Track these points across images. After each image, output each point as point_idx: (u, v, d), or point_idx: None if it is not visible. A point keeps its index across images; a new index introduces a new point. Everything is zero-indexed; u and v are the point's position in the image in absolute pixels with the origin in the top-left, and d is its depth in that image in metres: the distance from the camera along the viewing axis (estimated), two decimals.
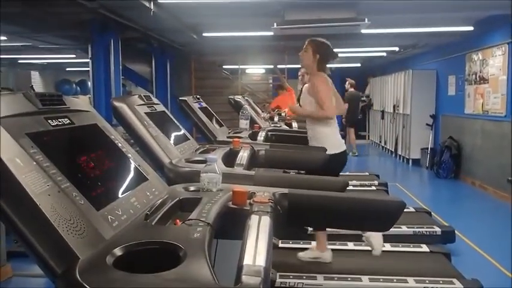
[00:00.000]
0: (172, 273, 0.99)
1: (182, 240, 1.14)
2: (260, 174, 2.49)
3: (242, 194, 1.52)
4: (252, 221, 1.30)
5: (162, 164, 2.41)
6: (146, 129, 2.47)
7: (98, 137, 1.62)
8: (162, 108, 2.93)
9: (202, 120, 3.77)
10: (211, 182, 1.72)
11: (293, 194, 1.75)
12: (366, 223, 1.93)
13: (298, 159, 3.21)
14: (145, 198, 1.51)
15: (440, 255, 3.62)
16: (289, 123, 5.49)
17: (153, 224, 1.30)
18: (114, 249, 1.10)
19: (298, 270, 3.23)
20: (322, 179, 2.33)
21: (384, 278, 3.13)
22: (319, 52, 3.32)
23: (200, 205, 1.46)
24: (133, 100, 2.59)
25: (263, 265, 1.03)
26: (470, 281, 3.09)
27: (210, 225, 1.26)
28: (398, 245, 3.79)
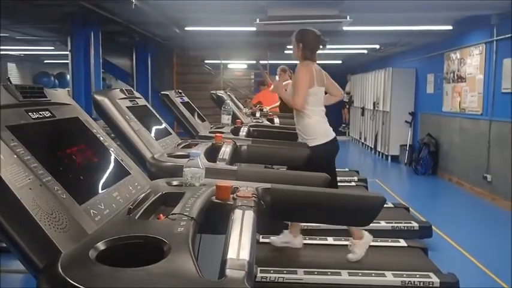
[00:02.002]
0: (156, 267, 0.99)
1: (166, 234, 1.14)
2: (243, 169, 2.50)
3: (226, 189, 1.52)
4: (235, 216, 1.31)
5: (144, 159, 2.39)
6: (128, 124, 2.44)
7: (80, 130, 1.60)
8: (143, 102, 2.90)
9: (185, 115, 3.75)
10: (194, 176, 1.72)
11: (276, 189, 1.77)
12: (347, 218, 1.96)
13: (280, 155, 3.23)
14: (128, 193, 1.50)
15: (417, 250, 3.69)
16: (271, 118, 5.50)
17: (136, 219, 1.29)
18: (97, 244, 1.09)
19: (279, 265, 3.25)
20: (304, 174, 2.35)
21: (362, 273, 3.17)
22: (301, 41, 3.32)
23: (183, 200, 1.46)
24: (114, 94, 2.56)
25: (247, 259, 1.04)
26: (446, 275, 3.16)
27: (193, 220, 1.26)
28: (377, 239, 3.82)
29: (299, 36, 3.34)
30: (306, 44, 3.32)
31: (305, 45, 3.31)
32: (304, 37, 3.33)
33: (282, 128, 4.46)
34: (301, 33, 3.35)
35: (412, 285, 3.08)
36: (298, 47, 3.33)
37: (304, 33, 3.34)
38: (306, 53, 3.33)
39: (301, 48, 3.32)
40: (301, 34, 3.35)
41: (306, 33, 3.34)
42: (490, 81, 6.49)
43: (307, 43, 3.32)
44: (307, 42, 3.32)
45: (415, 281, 3.09)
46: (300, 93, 3.26)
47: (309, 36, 3.33)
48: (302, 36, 3.33)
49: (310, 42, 3.33)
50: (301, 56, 3.34)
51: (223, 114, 4.36)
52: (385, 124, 10.05)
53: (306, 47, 3.32)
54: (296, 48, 3.35)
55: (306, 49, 3.32)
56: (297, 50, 3.35)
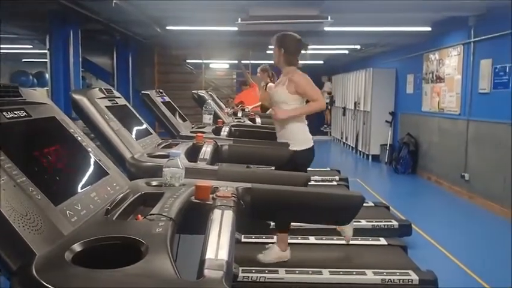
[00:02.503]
0: (134, 268, 0.98)
1: (144, 235, 1.13)
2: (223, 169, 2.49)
3: (205, 189, 1.52)
4: (214, 216, 1.30)
5: (124, 159, 2.37)
6: (107, 123, 2.41)
7: (57, 130, 1.57)
8: (123, 101, 2.87)
9: (165, 114, 3.73)
10: (174, 176, 1.70)
11: (256, 189, 1.77)
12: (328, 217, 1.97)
13: (262, 155, 3.23)
14: (106, 193, 1.48)
15: (397, 248, 3.73)
16: (253, 118, 5.50)
17: (114, 219, 1.28)
18: (72, 245, 1.07)
19: (260, 265, 3.25)
20: (285, 174, 2.36)
21: (343, 271, 3.19)
22: (282, 46, 3.29)
23: (162, 200, 1.45)
24: (93, 93, 2.53)
25: (225, 259, 1.04)
26: (425, 273, 3.20)
27: (172, 220, 1.25)
28: (358, 238, 3.87)
29: (280, 41, 3.31)
30: (288, 49, 3.29)
31: (287, 51, 3.29)
32: (286, 42, 3.30)
33: (263, 128, 4.46)
34: (282, 39, 3.31)
35: (392, 283, 3.11)
36: (280, 53, 3.30)
37: (285, 38, 3.31)
38: (289, 58, 3.31)
39: (283, 53, 3.29)
40: (282, 39, 3.31)
41: (287, 38, 3.31)
42: (467, 81, 6.60)
43: (288, 48, 3.30)
44: (289, 47, 3.30)
45: (395, 279, 3.12)
46: (319, 91, 3.42)
47: (291, 41, 3.30)
48: (283, 42, 3.30)
49: (292, 46, 3.30)
50: (284, 62, 3.32)
51: (205, 114, 4.34)
52: (366, 124, 10.15)
53: (288, 52, 3.29)
54: (278, 53, 3.31)
55: (288, 54, 3.30)
56: (278, 55, 3.31)
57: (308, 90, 3.29)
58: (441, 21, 6.56)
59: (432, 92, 7.79)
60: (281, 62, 3.33)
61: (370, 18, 6.54)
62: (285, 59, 3.31)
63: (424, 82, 8.13)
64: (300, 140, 3.30)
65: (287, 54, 3.29)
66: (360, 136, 10.63)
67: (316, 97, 3.29)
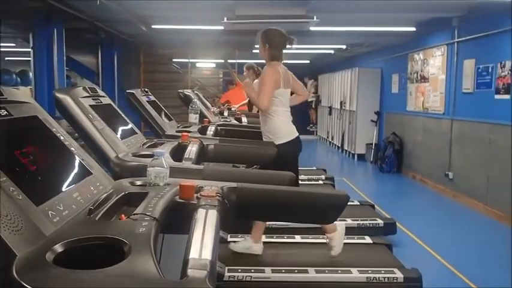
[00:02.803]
0: (116, 269, 0.97)
1: (127, 235, 1.12)
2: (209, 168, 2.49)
3: (189, 188, 1.51)
4: (198, 215, 1.30)
5: (108, 158, 2.34)
6: (91, 123, 2.39)
7: (39, 129, 1.55)
8: (108, 101, 2.84)
9: (151, 114, 3.70)
10: (159, 176, 1.69)
11: (241, 188, 1.76)
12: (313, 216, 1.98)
13: (248, 154, 3.22)
14: (90, 193, 1.47)
15: (382, 246, 3.77)
16: (239, 117, 5.49)
17: (96, 219, 1.26)
18: (54, 246, 1.06)
19: (246, 264, 3.26)
20: (271, 173, 2.36)
21: (329, 270, 3.21)
22: (267, 41, 3.32)
23: (146, 199, 1.44)
24: (77, 92, 2.50)
25: (209, 258, 1.04)
26: (410, 270, 3.23)
27: (156, 220, 1.24)
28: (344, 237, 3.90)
29: (264, 36, 3.33)
30: (272, 44, 3.32)
31: (271, 45, 3.32)
32: (270, 37, 3.33)
33: (249, 127, 4.46)
34: (266, 33, 3.34)
35: (377, 281, 3.14)
36: (265, 47, 3.33)
37: (269, 33, 3.34)
38: (273, 53, 3.33)
39: (268, 48, 3.32)
40: (266, 34, 3.34)
41: (272, 32, 3.34)
42: (451, 81, 6.69)
43: (273, 43, 3.32)
44: (273, 42, 3.32)
45: (380, 277, 3.15)
46: (266, 93, 3.26)
47: (275, 35, 3.33)
48: (267, 36, 3.33)
49: (276, 41, 3.33)
50: (268, 56, 3.34)
51: (191, 113, 4.32)
52: (352, 123, 10.22)
53: (272, 46, 3.32)
54: (262, 49, 3.34)
55: (273, 49, 3.32)
56: (263, 50, 3.34)
57: (260, 84, 3.34)
58: (425, 21, 6.63)
59: (417, 92, 7.87)
60: (265, 56, 3.36)
61: (355, 18, 6.58)
62: (269, 53, 3.33)
63: (409, 82, 8.21)
64: (284, 133, 3.33)
65: (271, 48, 3.32)
66: (346, 135, 10.69)
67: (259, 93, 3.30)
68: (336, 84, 11.65)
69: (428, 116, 7.44)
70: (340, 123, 11.26)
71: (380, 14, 6.20)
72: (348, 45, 9.79)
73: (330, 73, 12.82)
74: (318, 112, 14.43)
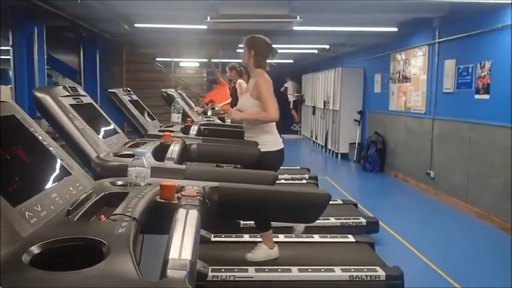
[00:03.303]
0: (95, 270, 0.96)
1: (106, 235, 1.11)
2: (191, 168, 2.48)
3: (170, 188, 1.50)
4: (179, 215, 1.29)
5: (89, 158, 2.32)
6: (71, 122, 2.36)
7: (16, 129, 1.52)
8: (89, 100, 2.81)
9: (133, 113, 3.67)
10: (140, 176, 1.68)
11: (223, 188, 1.76)
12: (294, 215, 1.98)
13: (231, 154, 3.22)
14: (68, 194, 1.45)
15: (365, 245, 3.79)
16: (223, 117, 5.48)
17: (75, 220, 1.25)
18: (31, 247, 1.04)
19: (230, 264, 3.25)
20: (253, 173, 2.36)
21: (312, 268, 3.22)
22: (253, 48, 3.32)
23: (126, 200, 1.43)
24: (57, 91, 2.47)
25: (189, 259, 1.03)
26: (391, 268, 3.26)
27: (135, 220, 1.23)
28: (327, 235, 3.92)
29: (250, 43, 3.33)
30: (258, 52, 3.33)
31: (256, 53, 3.32)
32: (256, 44, 3.33)
33: (233, 127, 4.45)
34: (252, 40, 3.34)
35: (360, 279, 3.16)
36: (250, 54, 3.32)
37: (255, 40, 3.34)
38: (258, 60, 3.34)
39: (253, 55, 3.32)
40: (252, 41, 3.34)
41: (258, 40, 3.35)
42: (432, 81, 6.77)
43: (258, 50, 3.33)
44: (259, 50, 3.33)
45: (362, 275, 3.17)
46: (273, 102, 3.25)
47: (260, 43, 3.35)
48: (253, 44, 3.33)
49: (262, 49, 3.34)
50: (253, 64, 3.34)
51: (173, 113, 4.30)
52: (335, 123, 10.28)
53: (258, 54, 3.33)
54: (247, 55, 3.34)
55: (258, 56, 3.33)
56: (248, 57, 3.34)
57: (262, 96, 3.26)
58: (407, 22, 6.70)
59: (399, 92, 7.96)
60: (250, 63, 3.36)
61: (338, 18, 6.62)
62: (254, 60, 3.34)
63: (391, 82, 8.29)
64: (268, 142, 3.31)
65: (256, 56, 3.33)
66: (330, 135, 10.75)
67: (266, 106, 3.24)
68: (320, 84, 11.71)
69: (410, 115, 7.53)
70: (323, 122, 11.32)
71: (362, 14, 6.24)
72: (331, 45, 9.85)
73: (313, 73, 12.88)
74: (301, 112, 14.50)
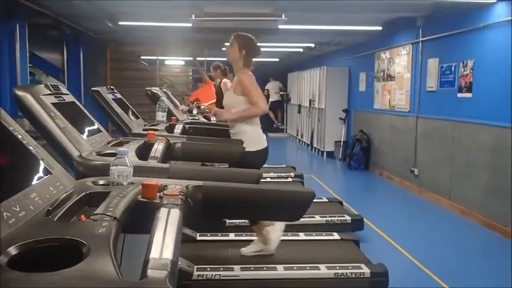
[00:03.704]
0: (73, 271, 0.94)
1: (86, 236, 1.10)
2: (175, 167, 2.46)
3: (152, 187, 1.49)
4: (160, 214, 1.28)
5: (71, 158, 2.29)
6: (53, 121, 2.33)
7: None
8: (71, 98, 2.78)
9: (116, 112, 3.63)
10: (122, 175, 1.66)
11: (207, 186, 1.75)
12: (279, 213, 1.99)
13: (216, 152, 3.21)
14: (49, 193, 1.43)
15: (350, 242, 3.82)
16: (208, 116, 5.46)
17: (55, 220, 1.23)
18: (8, 248, 1.02)
19: (215, 263, 3.24)
20: (238, 171, 2.36)
21: (297, 266, 3.23)
22: (245, 48, 3.32)
23: (108, 199, 1.41)
24: (38, 89, 2.43)
25: (170, 258, 1.02)
26: (376, 266, 3.29)
27: (116, 220, 1.22)
28: (312, 233, 3.94)
29: (242, 41, 3.33)
30: (249, 52, 3.33)
31: (248, 53, 3.33)
32: (248, 44, 3.34)
33: (218, 125, 4.44)
34: (244, 39, 3.34)
35: (345, 276, 3.18)
36: (241, 54, 3.32)
37: (247, 40, 3.35)
38: (248, 60, 3.35)
39: (244, 55, 3.32)
40: (244, 41, 3.34)
41: (249, 40, 3.35)
42: (416, 80, 6.84)
43: (250, 51, 3.34)
44: (251, 50, 3.34)
45: (347, 273, 3.19)
46: (260, 95, 3.30)
47: (252, 43, 3.36)
48: (245, 43, 3.33)
49: (252, 50, 3.36)
50: (242, 63, 3.34)
51: (158, 112, 4.28)
52: (321, 121, 10.32)
53: (248, 54, 3.33)
54: (238, 53, 3.32)
55: (248, 56, 3.34)
56: (238, 54, 3.32)
57: (249, 91, 3.28)
58: (391, 21, 6.75)
59: (383, 90, 8.02)
60: (239, 62, 3.35)
61: (323, 17, 6.64)
62: (244, 60, 3.34)
63: (376, 80, 8.35)
64: (252, 141, 3.31)
65: (247, 56, 3.33)
66: (315, 133, 10.79)
67: (255, 100, 3.27)
68: (305, 82, 11.74)
69: (395, 114, 7.60)
70: (309, 121, 11.36)
71: (347, 13, 6.27)
72: (317, 43, 9.88)
73: (299, 71, 12.91)
74: (287, 110, 14.53)
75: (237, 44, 3.32)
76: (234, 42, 3.33)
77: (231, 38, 3.36)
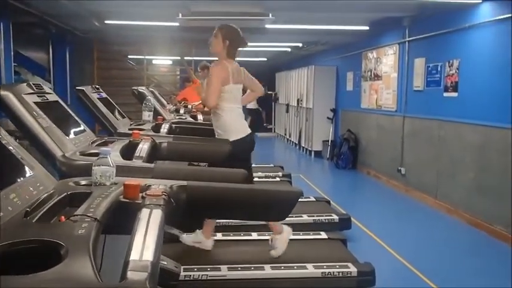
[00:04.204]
0: (51, 273, 0.92)
1: (64, 237, 1.07)
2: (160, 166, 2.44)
3: (134, 187, 1.47)
4: (142, 215, 1.26)
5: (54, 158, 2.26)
6: (35, 120, 2.30)
7: None
8: (55, 97, 2.75)
9: (102, 111, 3.60)
10: (104, 175, 1.64)
11: (191, 186, 1.74)
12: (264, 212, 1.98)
13: (202, 151, 3.20)
14: (28, 194, 1.40)
15: (337, 242, 3.83)
16: (195, 115, 5.44)
17: (33, 222, 1.20)
18: None
19: (202, 263, 3.23)
20: (223, 171, 2.34)
21: (285, 266, 3.23)
22: (228, 38, 3.28)
23: (89, 200, 1.39)
24: (20, 88, 2.40)
25: (151, 260, 1.00)
26: (363, 265, 3.30)
27: (97, 221, 1.20)
28: (299, 233, 3.93)
29: (225, 32, 3.29)
30: (232, 42, 3.30)
31: (231, 43, 3.29)
32: (232, 34, 3.30)
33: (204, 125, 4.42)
34: (228, 29, 3.31)
35: (332, 275, 3.19)
36: (224, 44, 3.28)
37: (231, 30, 3.31)
38: (231, 51, 3.31)
39: (227, 45, 3.28)
40: (228, 30, 3.30)
41: (233, 30, 3.32)
42: (403, 79, 6.88)
43: (234, 41, 3.30)
44: (234, 41, 3.31)
45: (335, 272, 3.20)
46: (212, 92, 3.25)
47: (236, 34, 3.32)
48: (229, 34, 3.30)
49: (236, 40, 3.32)
50: (225, 53, 3.31)
51: (144, 111, 4.25)
52: (309, 120, 10.34)
53: (232, 45, 3.30)
54: (221, 44, 3.28)
55: (232, 47, 3.30)
56: (221, 46, 3.29)
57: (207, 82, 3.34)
58: (378, 21, 6.78)
59: (370, 90, 8.06)
60: (222, 52, 3.31)
61: (310, 16, 6.64)
62: (228, 51, 3.30)
63: (363, 80, 8.39)
64: (234, 130, 3.31)
65: (231, 47, 3.30)
66: (303, 132, 10.81)
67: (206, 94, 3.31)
68: (293, 82, 11.76)
69: (382, 113, 7.63)
70: (297, 120, 11.38)
71: (334, 13, 6.29)
72: (304, 43, 9.89)
73: (287, 71, 12.92)
74: (275, 110, 14.53)
75: (221, 35, 3.28)
76: (218, 32, 3.29)
77: (215, 29, 3.33)
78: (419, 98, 6.41)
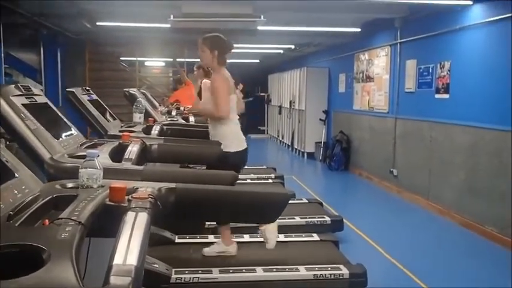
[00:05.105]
0: (31, 278, 0.90)
1: (47, 241, 1.05)
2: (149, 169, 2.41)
3: (120, 190, 1.44)
4: (127, 218, 1.24)
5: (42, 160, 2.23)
6: (23, 122, 2.26)
7: None
8: (44, 99, 2.72)
9: (92, 113, 3.57)
10: (91, 178, 1.62)
11: (180, 189, 1.72)
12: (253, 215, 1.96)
13: (193, 154, 3.18)
14: (12, 197, 1.37)
15: (329, 243, 3.82)
16: (186, 117, 5.41)
17: (16, 225, 1.18)
18: None
19: (194, 265, 3.20)
20: (213, 173, 2.33)
21: (276, 268, 3.22)
22: (215, 47, 3.30)
23: (74, 203, 1.37)
24: (8, 90, 2.37)
25: (134, 264, 0.98)
26: (355, 266, 3.29)
27: (81, 224, 1.17)
28: (292, 235, 3.92)
29: (211, 43, 3.30)
30: (220, 50, 3.31)
31: (220, 52, 3.31)
32: (217, 43, 3.32)
33: (196, 126, 4.40)
34: (212, 40, 3.32)
35: (324, 277, 3.17)
36: (213, 55, 3.29)
37: (215, 40, 3.33)
38: (221, 59, 3.33)
39: (217, 54, 3.29)
40: (212, 41, 3.31)
41: (218, 39, 3.34)
42: (395, 81, 6.90)
43: (221, 49, 3.32)
44: (221, 48, 3.32)
45: (327, 274, 3.19)
46: (225, 100, 3.26)
47: (220, 41, 3.34)
48: (215, 43, 3.31)
49: (223, 47, 3.33)
50: (218, 63, 3.32)
51: (135, 113, 4.22)
52: (301, 122, 10.35)
53: (220, 53, 3.31)
54: (210, 55, 3.30)
55: (221, 55, 3.32)
56: (211, 57, 3.30)
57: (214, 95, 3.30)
58: (369, 22, 6.80)
59: (363, 91, 8.07)
60: (214, 63, 3.33)
61: (302, 18, 6.65)
62: (218, 60, 3.32)
63: (355, 81, 8.40)
64: (232, 142, 3.31)
65: (220, 55, 3.32)
66: (296, 134, 10.82)
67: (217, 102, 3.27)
68: (286, 83, 11.76)
69: (374, 115, 7.65)
70: (290, 122, 11.38)
71: (326, 14, 6.29)
72: (296, 45, 9.90)
73: (279, 73, 12.92)
74: (268, 111, 14.53)
75: (207, 47, 3.29)
76: (203, 46, 3.30)
77: (199, 44, 3.33)
78: (411, 100, 6.43)
